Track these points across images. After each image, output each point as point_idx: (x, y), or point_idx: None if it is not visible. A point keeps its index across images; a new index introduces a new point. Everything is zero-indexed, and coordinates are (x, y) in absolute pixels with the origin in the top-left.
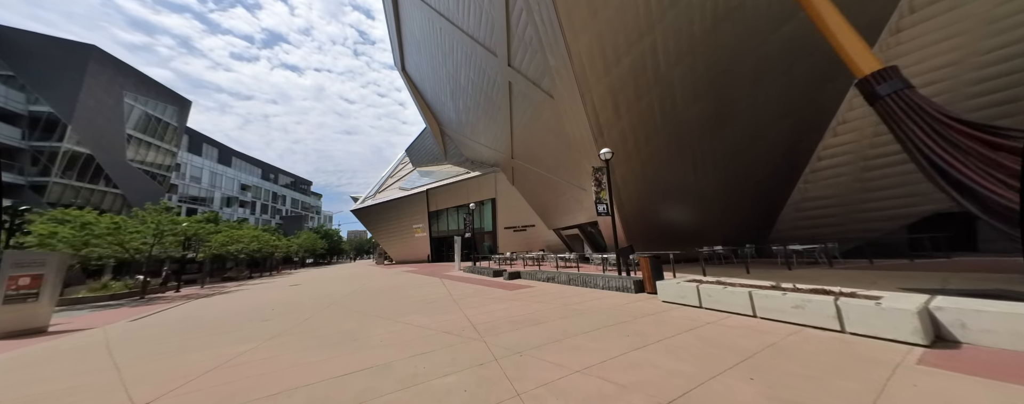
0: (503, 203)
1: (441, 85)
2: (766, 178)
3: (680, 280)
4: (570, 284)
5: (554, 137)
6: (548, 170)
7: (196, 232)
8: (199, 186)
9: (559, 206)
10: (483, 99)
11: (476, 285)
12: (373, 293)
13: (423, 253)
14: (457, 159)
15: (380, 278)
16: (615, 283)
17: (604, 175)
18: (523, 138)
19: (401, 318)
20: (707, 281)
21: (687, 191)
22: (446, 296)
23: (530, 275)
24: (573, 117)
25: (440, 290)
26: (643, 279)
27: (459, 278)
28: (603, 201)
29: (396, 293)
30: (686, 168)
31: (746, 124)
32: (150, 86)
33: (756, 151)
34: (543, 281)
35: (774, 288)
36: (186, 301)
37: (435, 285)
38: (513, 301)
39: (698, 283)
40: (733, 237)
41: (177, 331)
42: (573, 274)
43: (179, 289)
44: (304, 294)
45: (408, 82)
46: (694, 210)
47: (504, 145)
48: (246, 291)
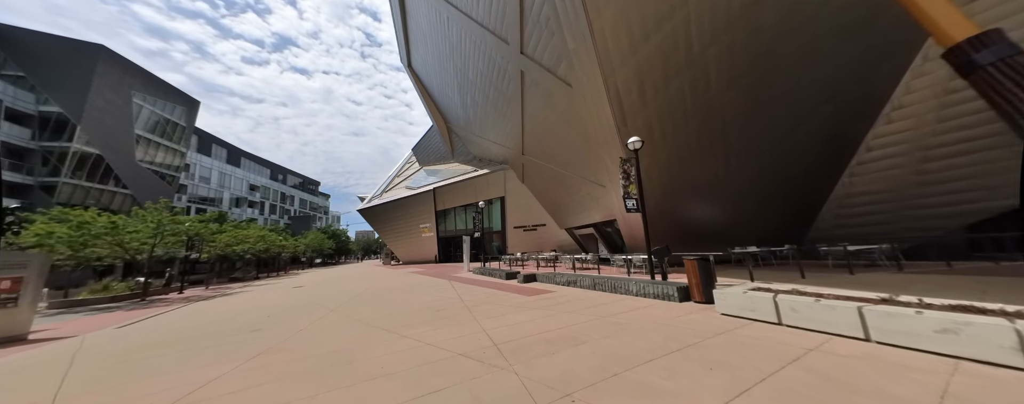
0: (512, 202)
1: (448, 80)
2: (805, 172)
3: (745, 288)
4: (596, 289)
5: (570, 130)
6: (561, 166)
7: (198, 232)
8: (208, 186)
9: (573, 204)
10: (492, 92)
11: (489, 288)
12: (378, 297)
13: (430, 253)
14: (464, 157)
15: (386, 279)
16: (652, 289)
17: (633, 167)
18: (535, 132)
19: (407, 331)
20: (782, 290)
21: (717, 186)
22: (457, 302)
23: (547, 278)
24: (593, 106)
25: (450, 294)
26: (689, 285)
27: (469, 280)
28: (632, 196)
29: (402, 297)
30: (717, 161)
31: (786, 111)
32: (158, 86)
33: (795, 141)
34: (563, 285)
35: (888, 302)
36: (185, 304)
37: (444, 288)
38: (536, 310)
39: (771, 292)
40: (766, 237)
41: (155, 343)
42: (597, 278)
43: (182, 290)
44: (306, 297)
45: (414, 79)
46: (723, 207)
47: (514, 141)
48: (249, 293)
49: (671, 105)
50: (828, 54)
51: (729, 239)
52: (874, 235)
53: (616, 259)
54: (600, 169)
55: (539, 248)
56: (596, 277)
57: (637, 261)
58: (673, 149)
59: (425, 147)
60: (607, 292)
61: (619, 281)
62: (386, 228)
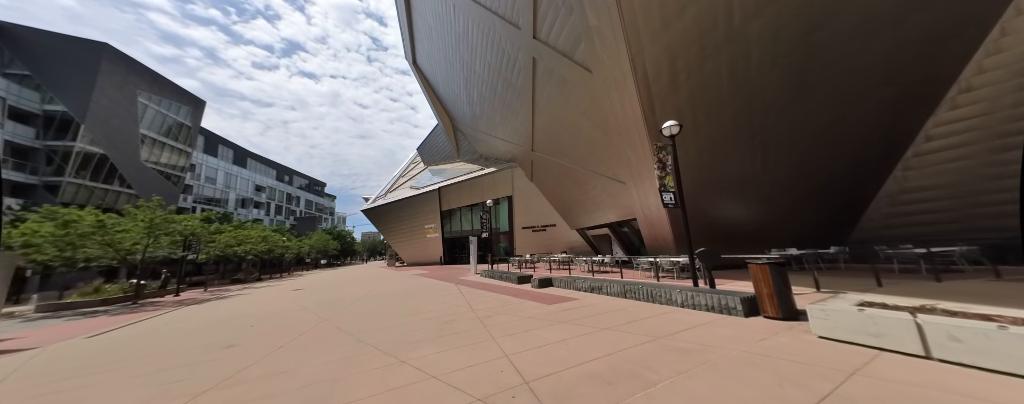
0: (520, 201)
1: (454, 75)
2: (851, 165)
3: (851, 302)
4: (627, 297)
5: (586, 122)
6: (575, 161)
7: (193, 231)
8: (214, 187)
9: (586, 203)
10: (501, 85)
11: (501, 295)
12: (378, 303)
13: (435, 255)
14: (470, 156)
15: (389, 282)
16: (703, 299)
17: (670, 155)
18: (546, 126)
19: (407, 353)
20: (904, 306)
21: (752, 181)
22: (467, 311)
23: (565, 283)
24: (615, 92)
25: (457, 301)
26: (757, 296)
27: (477, 284)
28: (669, 189)
29: (405, 304)
30: (754, 152)
31: (834, 96)
32: (164, 85)
33: (842, 130)
34: (586, 291)
35: None
36: (176, 308)
37: (451, 293)
38: (565, 324)
39: (901, 311)
40: (802, 238)
41: (114, 361)
42: (627, 283)
43: (179, 293)
44: (301, 302)
45: (419, 76)
46: (757, 205)
47: (523, 136)
48: (246, 296)
49: (706, 89)
50: (888, 28)
51: (761, 240)
52: (930, 236)
53: (640, 262)
54: (620, 164)
55: (548, 249)
56: (626, 283)
57: (666, 264)
58: (705, 139)
59: (430, 146)
60: (643, 301)
61: (655, 289)
62: (390, 229)
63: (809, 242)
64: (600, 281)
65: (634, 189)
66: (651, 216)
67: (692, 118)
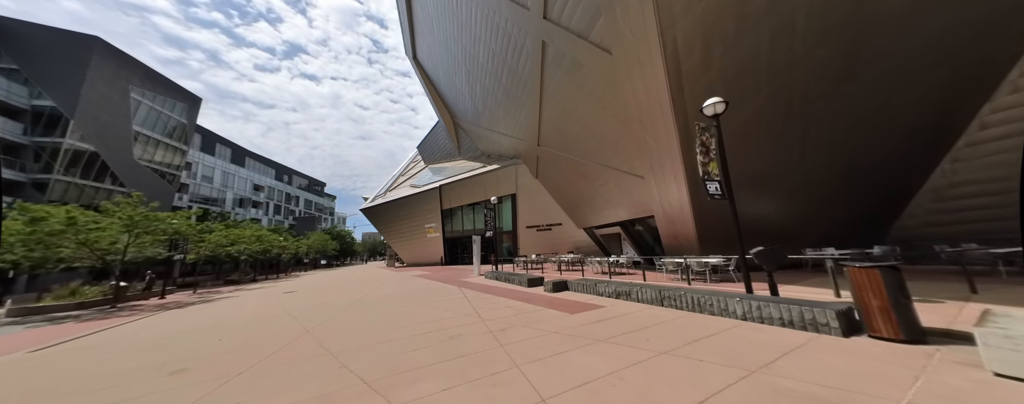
0: (524, 199)
1: (456, 68)
2: (893, 156)
3: None
4: (664, 305)
5: (600, 110)
6: (585, 156)
7: (177, 230)
8: (211, 186)
9: (596, 200)
10: (506, 75)
11: (512, 300)
12: (373, 309)
13: (436, 255)
14: (472, 154)
15: (388, 284)
16: (777, 312)
17: (714, 138)
18: (555, 118)
19: (403, 392)
20: None
21: (784, 173)
22: (476, 322)
23: (583, 287)
24: (638, 73)
25: (463, 307)
26: (863, 309)
27: (483, 287)
28: (714, 177)
29: (403, 311)
30: (789, 141)
31: (882, 78)
32: (158, 81)
33: (888, 117)
34: (610, 297)
35: None
36: (153, 313)
37: (454, 298)
38: (607, 345)
39: None
40: (833, 236)
41: (36, 391)
42: (665, 289)
43: (164, 295)
44: (290, 307)
45: (420, 72)
46: (788, 200)
47: (529, 131)
48: (234, 299)
49: (741, 67)
50: (946, 4)
51: (788, 239)
52: (979, 234)
53: (664, 263)
54: (639, 156)
55: (554, 249)
56: (661, 287)
57: (696, 265)
58: (738, 125)
59: (430, 145)
60: (689, 311)
61: (703, 296)
62: (390, 228)
63: (839, 241)
64: (627, 285)
65: (653, 183)
66: (671, 212)
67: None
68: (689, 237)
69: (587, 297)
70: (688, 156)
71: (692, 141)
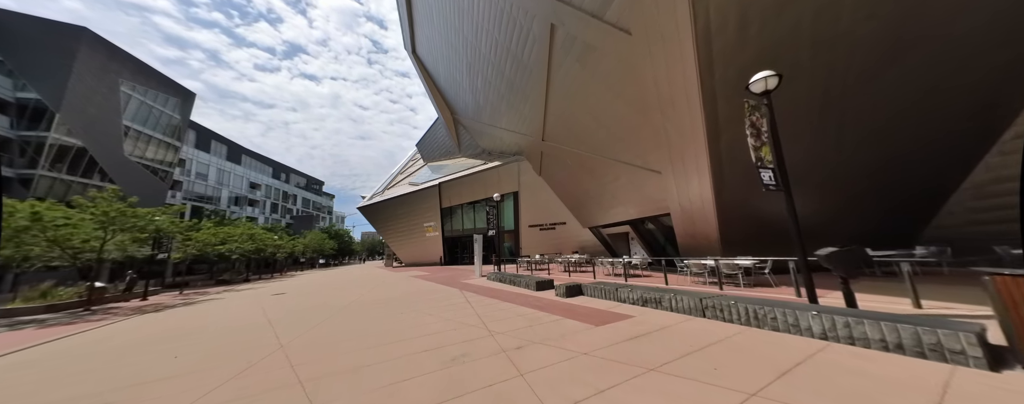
0: (527, 197)
1: (457, 60)
2: (936, 147)
3: None
4: (707, 316)
5: (614, 98)
6: (594, 150)
7: (159, 228)
8: (206, 183)
9: (603, 197)
10: (509, 66)
11: (521, 306)
12: (364, 316)
13: (435, 255)
14: (472, 151)
15: (384, 286)
16: (873, 331)
17: (766, 118)
18: (562, 110)
19: None
20: None
21: (816, 166)
22: (484, 336)
23: (600, 291)
24: (661, 53)
25: (466, 315)
26: (1017, 331)
27: (486, 290)
28: (767, 164)
29: (397, 320)
30: (825, 131)
31: (935, 59)
32: (149, 75)
33: (934, 104)
34: (635, 304)
35: None
36: (130, 316)
37: (456, 303)
38: (660, 375)
39: None
40: (861, 236)
41: None
42: (707, 297)
43: (146, 297)
44: (273, 312)
45: (419, 67)
46: (818, 196)
47: (533, 125)
48: (220, 302)
49: (781, 46)
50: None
51: (810, 239)
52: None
53: (689, 265)
54: (656, 148)
55: (557, 249)
56: (702, 295)
57: (726, 269)
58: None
59: (430, 142)
60: (742, 325)
61: (756, 306)
62: (387, 227)
63: (866, 242)
64: (654, 290)
65: (672, 178)
66: (691, 209)
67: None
68: (709, 237)
69: (608, 304)
70: (715, 147)
71: (720, 131)
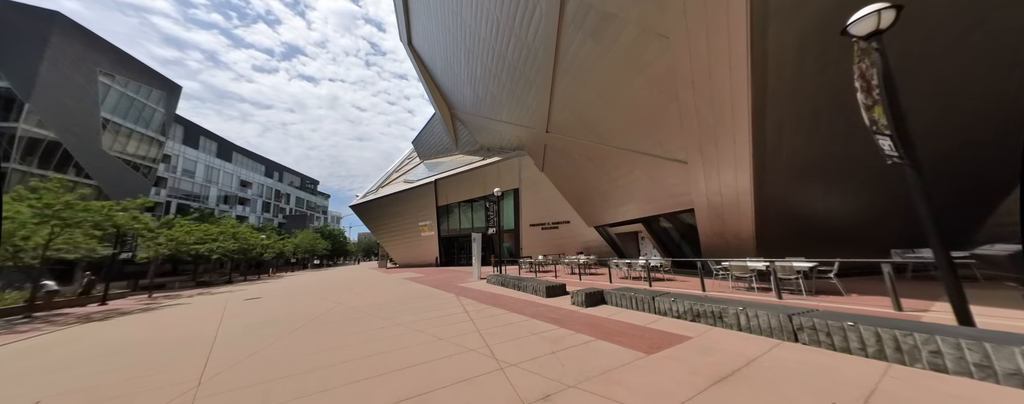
0: (528, 195)
1: (455, 48)
2: (996, 135)
3: None
4: (807, 341)
5: (634, 77)
6: (606, 139)
7: (116, 223)
8: (193, 180)
9: (615, 193)
10: (512, 50)
11: (534, 319)
12: (336, 332)
13: (430, 255)
14: (470, 148)
15: (372, 289)
16: None
17: (877, 68)
18: (570, 96)
19: None
20: None
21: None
22: (490, 372)
23: (627, 300)
24: (700, 18)
25: (464, 332)
26: None
27: (486, 295)
28: (883, 129)
29: (376, 338)
30: None
31: (1017, 31)
32: (131, 65)
33: (1008, 85)
34: (683, 318)
35: None
36: (69, 326)
37: (452, 312)
38: None
39: None
40: (906, 238)
41: None
42: (794, 313)
43: (105, 300)
44: (231, 323)
45: (416, 59)
46: (861, 193)
47: (536, 115)
48: (184, 307)
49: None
50: None
51: (848, 241)
52: None
53: (729, 268)
54: (683, 134)
55: (560, 250)
56: (792, 311)
57: (784, 273)
58: (826, 89)
59: (426, 139)
60: (870, 357)
61: (883, 328)
62: (381, 226)
63: (908, 243)
64: (709, 302)
65: (700, 167)
66: (721, 204)
67: (816, 55)
68: (742, 235)
69: (645, 318)
70: (759, 128)
71: (766, 108)
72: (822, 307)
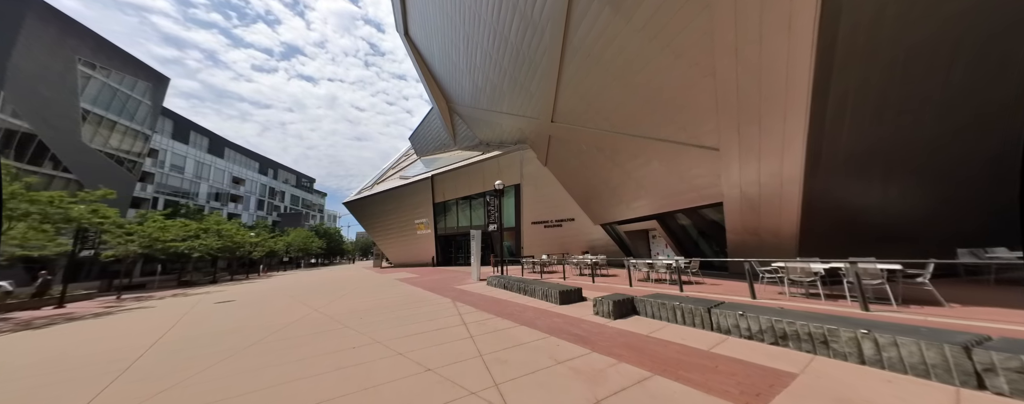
0: (530, 191)
1: (454, 36)
2: None
3: None
4: (991, 387)
5: (660, 50)
6: (620, 126)
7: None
8: (182, 176)
9: (627, 187)
10: (516, 29)
11: (552, 338)
12: (291, 354)
13: (426, 254)
14: (468, 143)
15: (359, 292)
16: None
17: None
18: (580, 78)
19: None
20: None
21: (942, 146)
22: None
23: (664, 310)
24: None
25: (463, 361)
26: None
27: (489, 301)
28: None
29: (339, 368)
30: (956, 96)
31: None
32: (114, 54)
33: None
34: (765, 341)
35: None
36: (4, 333)
37: (447, 325)
38: None
39: None
40: (966, 236)
41: None
42: (983, 348)
43: (63, 303)
44: (178, 334)
45: (413, 51)
46: (933, 182)
47: (541, 103)
48: (145, 311)
49: None
50: None
51: (901, 238)
52: None
53: (789, 270)
54: (717, 113)
55: (564, 249)
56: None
57: (865, 277)
58: (911, 54)
59: (423, 135)
60: None
61: None
62: (375, 224)
63: (967, 241)
64: (802, 319)
65: (736, 154)
66: (758, 197)
67: (894, 19)
68: (782, 232)
69: (703, 338)
70: (820, 101)
71: (832, 74)
72: (936, 323)
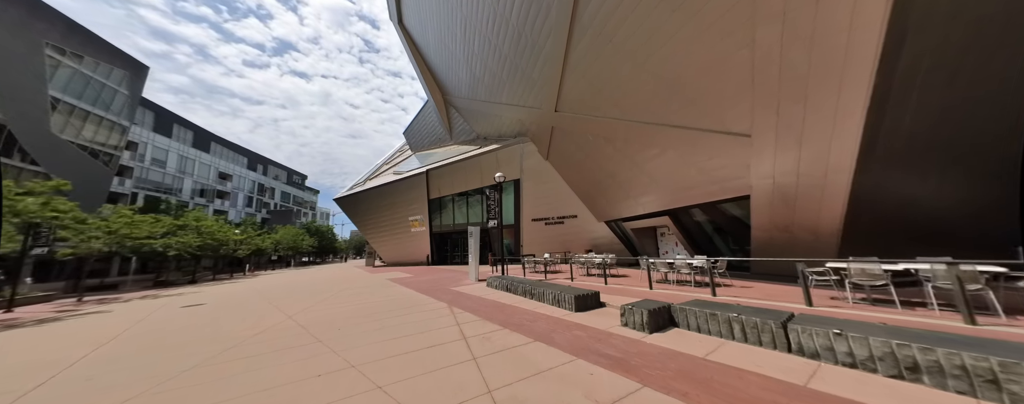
0: (530, 187)
1: (451, 21)
2: None
3: None
4: None
5: (685, 22)
6: (633, 113)
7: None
8: (163, 171)
9: (638, 180)
10: (518, 10)
11: (581, 362)
12: (252, 377)
13: (421, 253)
14: (465, 137)
15: (346, 294)
16: None
17: None
18: (589, 62)
19: None
20: None
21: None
22: None
23: (718, 324)
24: None
25: (469, 400)
26: None
27: (491, 307)
28: None
29: (306, 400)
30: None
31: None
32: (87, 39)
33: None
34: (883, 374)
35: None
36: None
37: (443, 340)
38: None
39: None
40: (999, 235)
41: None
42: None
43: (12, 307)
44: (121, 348)
45: (407, 41)
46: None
47: (544, 91)
48: (99, 317)
49: None
50: None
51: (949, 236)
52: None
53: (861, 273)
54: (757, 90)
55: (566, 247)
56: None
57: (944, 281)
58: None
59: (418, 129)
60: None
61: None
62: (368, 222)
63: (1014, 240)
64: (933, 341)
65: (771, 140)
66: (794, 189)
67: None
68: (821, 228)
69: (785, 363)
70: (885, 74)
71: (906, 36)
72: None
